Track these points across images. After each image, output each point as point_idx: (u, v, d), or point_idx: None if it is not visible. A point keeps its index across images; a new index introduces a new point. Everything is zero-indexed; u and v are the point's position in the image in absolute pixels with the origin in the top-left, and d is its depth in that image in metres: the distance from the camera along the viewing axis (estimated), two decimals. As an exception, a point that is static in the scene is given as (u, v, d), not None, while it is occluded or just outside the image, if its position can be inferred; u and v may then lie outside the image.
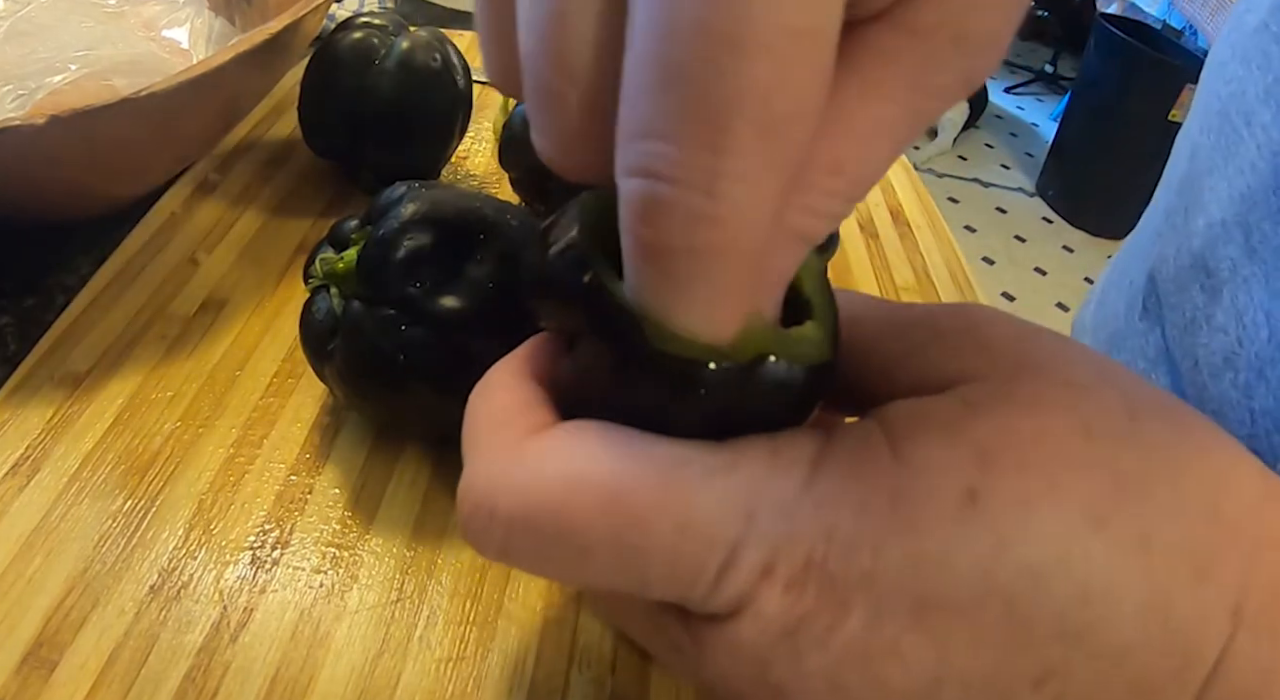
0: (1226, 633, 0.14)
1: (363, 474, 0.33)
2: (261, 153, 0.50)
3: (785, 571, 0.15)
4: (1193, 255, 0.33)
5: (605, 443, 0.15)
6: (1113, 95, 2.31)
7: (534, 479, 0.15)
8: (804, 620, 0.15)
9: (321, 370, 0.32)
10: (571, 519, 0.15)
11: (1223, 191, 0.32)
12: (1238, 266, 0.31)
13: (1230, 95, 0.34)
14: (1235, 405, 0.30)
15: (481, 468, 0.16)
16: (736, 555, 0.15)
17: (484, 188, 0.51)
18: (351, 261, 0.30)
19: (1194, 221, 0.34)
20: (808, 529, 0.15)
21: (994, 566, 0.14)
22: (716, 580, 0.15)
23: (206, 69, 0.35)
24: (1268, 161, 0.30)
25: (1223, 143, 0.33)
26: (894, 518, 0.14)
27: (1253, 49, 0.33)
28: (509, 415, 0.17)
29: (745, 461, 0.15)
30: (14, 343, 0.36)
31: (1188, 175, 0.35)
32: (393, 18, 0.46)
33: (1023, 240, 2.40)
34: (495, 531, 0.16)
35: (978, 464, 0.14)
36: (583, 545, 0.15)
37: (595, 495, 0.15)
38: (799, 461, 0.15)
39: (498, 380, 0.18)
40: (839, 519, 0.15)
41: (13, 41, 0.44)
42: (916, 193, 0.59)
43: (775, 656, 0.15)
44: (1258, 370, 0.29)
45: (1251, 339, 0.29)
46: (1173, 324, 0.35)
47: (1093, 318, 0.47)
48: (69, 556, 0.29)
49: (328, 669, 0.27)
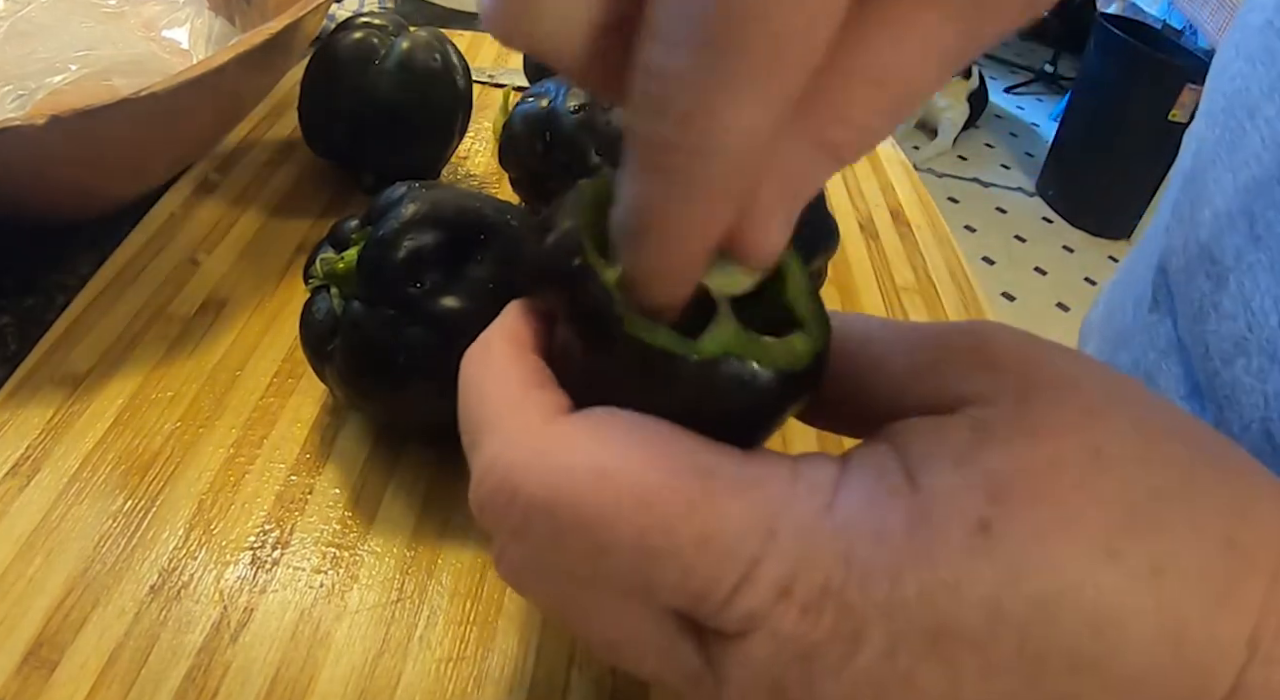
0: (1240, 662, 0.14)
1: (363, 474, 0.33)
2: (261, 153, 0.50)
3: (802, 594, 0.15)
4: (1199, 245, 0.34)
5: (635, 439, 0.15)
6: (1113, 95, 2.30)
7: (562, 468, 0.15)
8: (819, 646, 0.15)
9: (322, 370, 0.32)
10: (597, 514, 0.15)
11: (1227, 183, 0.33)
12: (1243, 254, 0.31)
13: (1235, 91, 0.34)
14: (1249, 390, 0.30)
15: (504, 447, 0.16)
16: (755, 572, 0.15)
17: (484, 188, 0.51)
18: (352, 262, 0.30)
19: (1200, 213, 0.34)
20: (826, 553, 0.15)
21: (1006, 598, 0.14)
22: (732, 594, 0.15)
23: (206, 69, 0.35)
24: (1271, 153, 0.30)
25: (1227, 137, 0.33)
26: (909, 547, 0.14)
27: (1257, 46, 0.33)
28: (524, 391, 0.17)
29: (770, 479, 0.15)
30: (14, 343, 0.36)
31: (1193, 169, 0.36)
32: (393, 18, 0.46)
33: (1023, 240, 2.40)
34: (514, 513, 0.15)
35: (990, 495, 0.14)
36: (603, 541, 0.15)
37: (624, 494, 0.15)
38: (821, 485, 0.15)
39: (500, 350, 0.18)
40: (857, 545, 0.15)
41: (13, 41, 0.44)
42: (916, 193, 0.59)
43: (789, 680, 0.15)
44: (1270, 354, 0.29)
45: (1261, 324, 0.30)
46: (1183, 314, 0.35)
47: (1100, 318, 0.47)
48: (69, 556, 0.29)
49: (328, 669, 0.27)
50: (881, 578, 0.14)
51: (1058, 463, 0.15)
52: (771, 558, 0.15)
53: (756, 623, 0.15)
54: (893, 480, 0.15)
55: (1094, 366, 0.17)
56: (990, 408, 0.16)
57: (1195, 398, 0.34)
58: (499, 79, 0.62)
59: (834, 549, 0.15)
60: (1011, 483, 0.14)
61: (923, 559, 0.14)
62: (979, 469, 0.15)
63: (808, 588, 0.15)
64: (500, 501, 0.16)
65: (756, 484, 0.15)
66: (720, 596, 0.15)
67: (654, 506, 0.15)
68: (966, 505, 0.14)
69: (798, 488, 0.15)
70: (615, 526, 0.15)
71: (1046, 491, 0.14)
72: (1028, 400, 0.15)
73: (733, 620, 0.15)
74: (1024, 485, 0.14)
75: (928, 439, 0.16)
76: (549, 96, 0.41)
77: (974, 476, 0.15)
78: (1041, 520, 0.14)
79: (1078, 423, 0.15)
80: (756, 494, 0.15)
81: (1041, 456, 0.15)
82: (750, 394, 0.16)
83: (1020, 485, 0.14)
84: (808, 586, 0.15)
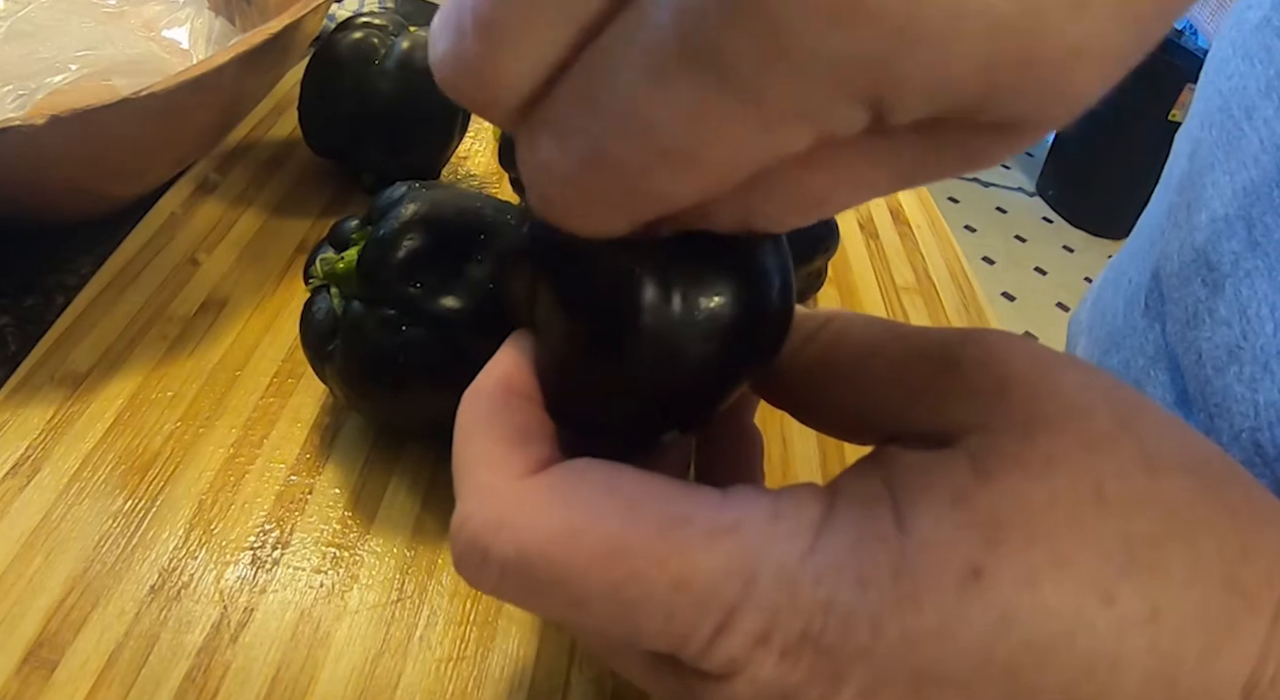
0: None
1: (363, 474, 0.33)
2: (261, 153, 0.50)
3: (781, 640, 0.14)
4: (1195, 250, 0.33)
5: (605, 491, 0.15)
6: (1113, 95, 2.27)
7: (531, 526, 0.15)
8: (798, 689, 0.15)
9: (322, 370, 0.32)
10: (567, 570, 0.15)
11: (1225, 186, 0.32)
12: (1240, 260, 0.30)
13: (1232, 91, 0.34)
14: (1239, 399, 0.30)
15: (476, 506, 0.16)
16: (733, 619, 0.15)
17: (484, 188, 0.51)
18: (352, 262, 0.30)
19: (1196, 217, 0.34)
20: (806, 600, 0.14)
21: (996, 643, 0.14)
22: (711, 640, 0.15)
23: (206, 69, 0.35)
24: (1270, 155, 0.30)
25: (1224, 138, 0.33)
26: (894, 593, 0.14)
27: (1254, 45, 0.33)
28: (505, 449, 0.17)
29: (747, 524, 0.15)
30: (14, 343, 0.36)
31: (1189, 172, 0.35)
32: (393, 18, 0.46)
33: (1023, 240, 2.40)
34: (489, 573, 0.16)
35: (984, 541, 0.14)
36: (578, 596, 0.15)
37: (593, 549, 0.15)
38: (802, 528, 0.15)
39: (489, 401, 0.18)
40: (838, 592, 0.14)
41: (13, 41, 0.44)
42: (916, 193, 0.59)
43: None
44: (1263, 363, 0.29)
45: (1256, 332, 0.29)
46: (1174, 319, 0.35)
47: (1089, 317, 0.47)
48: (69, 556, 0.29)
49: (328, 669, 0.27)
50: (863, 624, 0.14)
51: (1056, 502, 0.14)
52: (749, 605, 0.14)
53: (737, 668, 0.15)
54: (880, 524, 0.15)
55: (1106, 389, 0.16)
56: (992, 437, 0.15)
57: (1183, 406, 0.34)
58: (499, 79, 0.62)
59: (814, 595, 0.14)
60: (1007, 527, 0.14)
61: (908, 605, 0.14)
62: (974, 511, 0.14)
63: (786, 634, 0.14)
64: (474, 561, 0.16)
65: (733, 529, 0.15)
66: (700, 642, 0.15)
67: (624, 559, 0.15)
68: (959, 551, 0.14)
69: (777, 529, 0.15)
70: (587, 581, 0.15)
71: (1043, 533, 0.14)
72: (1031, 435, 0.15)
73: (713, 665, 0.15)
74: (1020, 527, 0.14)
75: (923, 478, 0.15)
76: (549, 96, 0.41)
77: (969, 521, 0.14)
78: (1036, 563, 0.14)
79: (1082, 460, 0.15)
80: (732, 540, 0.15)
81: (1040, 497, 0.14)
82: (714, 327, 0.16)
83: (1016, 528, 0.14)
84: (786, 633, 0.14)
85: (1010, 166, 2.74)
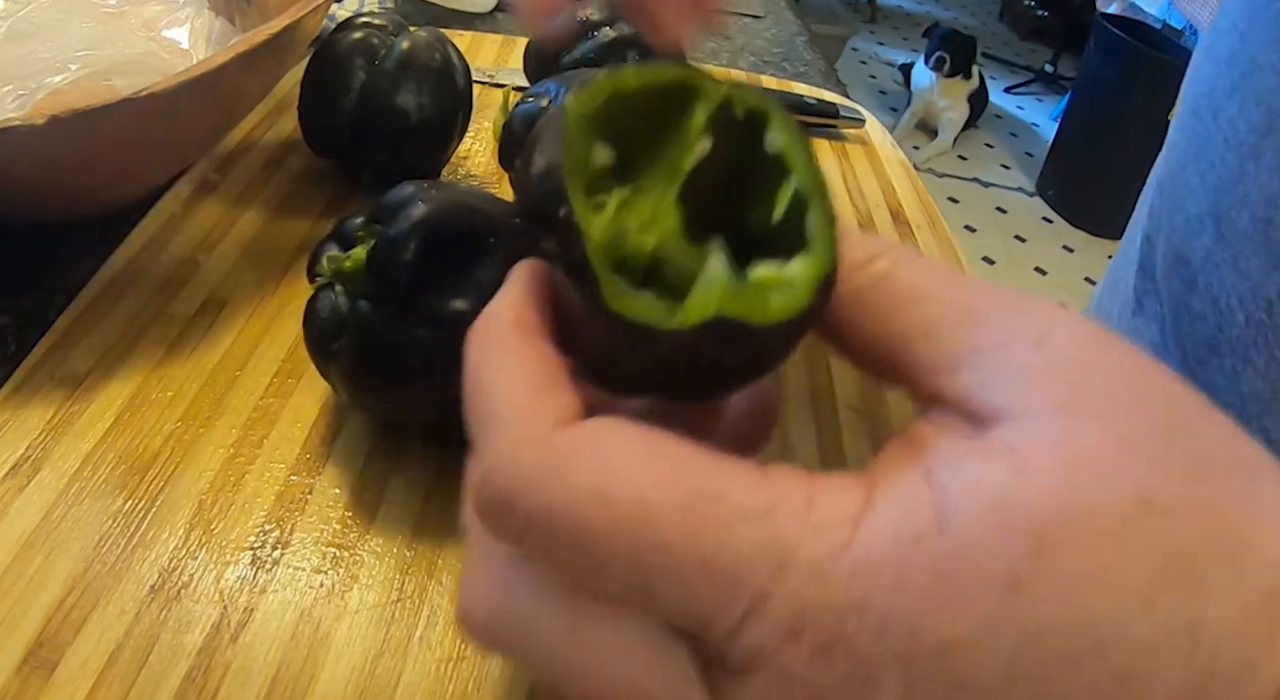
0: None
1: (363, 474, 0.33)
2: (261, 153, 0.50)
3: (812, 637, 0.14)
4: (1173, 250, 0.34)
5: (640, 454, 0.15)
6: (1113, 95, 2.30)
7: (562, 485, 0.15)
8: (828, 692, 0.14)
9: (326, 368, 0.32)
10: (594, 532, 0.15)
11: (1196, 186, 0.33)
12: (1210, 254, 0.31)
13: (1201, 94, 0.34)
14: (1224, 391, 0.30)
15: (505, 458, 0.16)
16: (762, 606, 0.14)
17: (484, 188, 0.51)
18: (360, 260, 0.30)
19: (1174, 218, 0.34)
20: (840, 598, 0.14)
21: (1029, 652, 0.14)
22: (740, 625, 0.14)
23: (206, 69, 0.35)
24: (1234, 151, 0.31)
25: (1194, 141, 0.34)
26: (932, 598, 0.14)
27: (1222, 47, 0.34)
28: (530, 395, 0.16)
29: (781, 509, 0.15)
30: (14, 343, 0.36)
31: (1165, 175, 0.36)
32: (393, 18, 0.46)
33: (1023, 240, 2.40)
34: (512, 526, 0.15)
35: (1025, 548, 0.14)
36: (600, 558, 0.15)
37: (622, 514, 0.15)
38: (839, 521, 0.15)
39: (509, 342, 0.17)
40: (874, 593, 0.14)
41: (13, 41, 0.44)
42: (916, 193, 0.59)
43: None
44: (1242, 354, 0.29)
45: (1229, 323, 0.29)
46: (1163, 319, 0.35)
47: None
48: (69, 556, 0.29)
49: (328, 669, 0.27)
50: (899, 629, 0.14)
51: (1099, 510, 0.14)
52: (781, 594, 0.14)
53: (765, 660, 0.15)
54: (922, 523, 0.14)
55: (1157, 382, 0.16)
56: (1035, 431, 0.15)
57: None
58: (499, 79, 0.62)
59: (849, 594, 0.14)
60: (1049, 534, 0.14)
61: (945, 612, 0.14)
62: (1018, 516, 0.14)
63: (818, 631, 0.14)
64: (499, 513, 0.16)
65: (766, 513, 0.14)
66: (727, 625, 0.14)
67: (652, 528, 0.14)
68: (1000, 559, 0.14)
69: (811, 520, 0.14)
70: (612, 545, 0.15)
71: (1085, 541, 0.14)
72: (1077, 434, 0.15)
73: (740, 653, 0.15)
74: (1062, 535, 0.14)
75: (964, 475, 0.15)
76: (549, 96, 0.41)
77: (1010, 524, 0.14)
78: (1077, 572, 0.14)
79: (1128, 466, 0.14)
80: (765, 524, 0.14)
81: (1083, 502, 0.14)
82: (745, 349, 0.16)
83: (1059, 536, 0.14)
84: (818, 630, 0.14)
85: (1010, 166, 2.74)
